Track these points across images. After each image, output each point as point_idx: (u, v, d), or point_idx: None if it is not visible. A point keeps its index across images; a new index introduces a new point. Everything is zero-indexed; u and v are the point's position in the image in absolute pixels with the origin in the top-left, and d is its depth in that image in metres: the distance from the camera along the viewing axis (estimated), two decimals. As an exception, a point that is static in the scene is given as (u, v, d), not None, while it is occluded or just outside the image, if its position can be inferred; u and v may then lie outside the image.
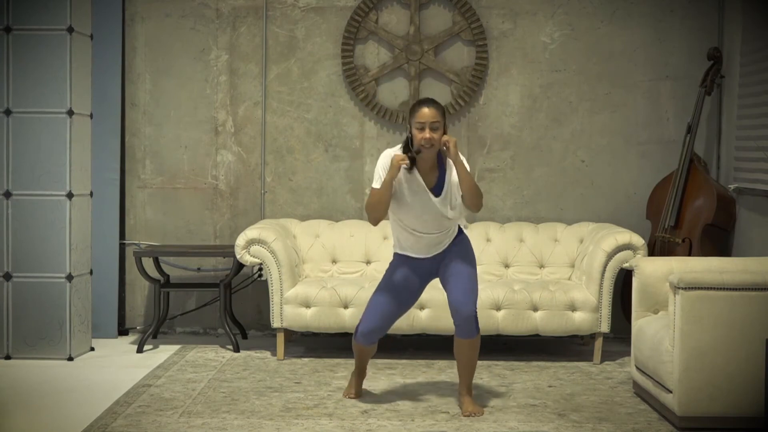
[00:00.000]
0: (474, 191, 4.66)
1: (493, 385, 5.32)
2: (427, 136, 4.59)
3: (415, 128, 4.62)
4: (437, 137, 4.61)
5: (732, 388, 4.44)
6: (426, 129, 4.60)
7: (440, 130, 4.62)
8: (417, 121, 4.61)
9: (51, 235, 5.84)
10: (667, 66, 6.63)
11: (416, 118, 4.62)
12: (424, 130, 4.60)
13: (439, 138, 4.61)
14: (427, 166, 4.69)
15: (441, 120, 4.62)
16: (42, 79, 5.83)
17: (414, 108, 4.68)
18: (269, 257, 5.91)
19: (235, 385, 5.27)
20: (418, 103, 4.68)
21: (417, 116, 4.62)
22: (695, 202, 6.16)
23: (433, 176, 4.71)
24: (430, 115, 4.60)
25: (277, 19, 6.69)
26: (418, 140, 4.61)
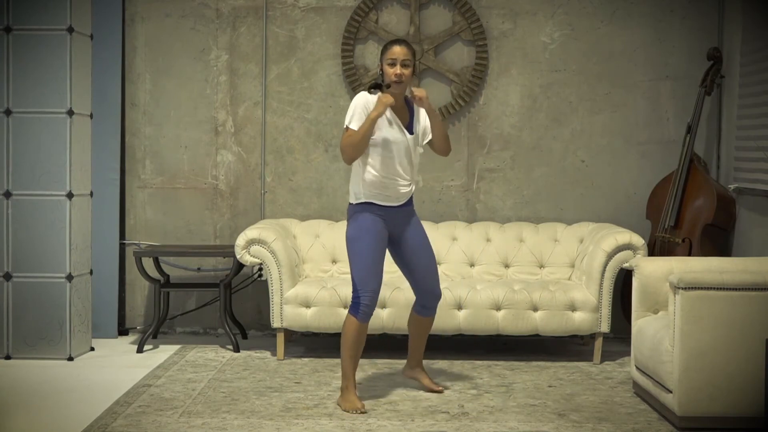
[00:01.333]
0: (446, 136, 4.93)
1: (493, 385, 5.32)
2: (398, 72, 4.77)
3: (387, 64, 4.80)
4: (407, 74, 4.79)
5: (732, 388, 4.44)
6: (397, 65, 4.78)
7: (410, 69, 4.80)
8: (389, 57, 4.80)
9: (51, 235, 5.84)
10: (667, 66, 6.63)
11: (388, 55, 4.81)
12: (395, 66, 4.78)
13: (408, 75, 4.80)
14: (398, 105, 4.85)
15: (411, 59, 4.82)
16: (42, 79, 5.83)
17: (386, 46, 4.86)
18: (269, 257, 5.91)
19: (235, 385, 5.27)
20: (390, 42, 4.88)
21: (389, 53, 4.81)
22: (695, 202, 6.16)
23: (404, 116, 4.88)
24: (402, 53, 4.80)
25: (277, 19, 6.69)
26: (389, 75, 4.79)
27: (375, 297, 4.78)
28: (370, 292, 4.76)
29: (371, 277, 4.77)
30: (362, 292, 4.76)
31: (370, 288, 4.76)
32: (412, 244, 4.94)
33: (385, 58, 4.81)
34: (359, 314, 4.77)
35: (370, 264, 4.77)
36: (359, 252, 4.78)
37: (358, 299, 4.77)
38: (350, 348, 4.80)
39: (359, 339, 4.81)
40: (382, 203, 4.82)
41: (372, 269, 4.77)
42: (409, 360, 5.23)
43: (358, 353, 4.84)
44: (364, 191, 4.83)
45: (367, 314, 4.78)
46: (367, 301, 4.76)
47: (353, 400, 4.78)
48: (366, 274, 4.76)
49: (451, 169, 6.67)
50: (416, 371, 5.20)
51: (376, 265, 4.79)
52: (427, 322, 5.11)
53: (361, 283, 4.77)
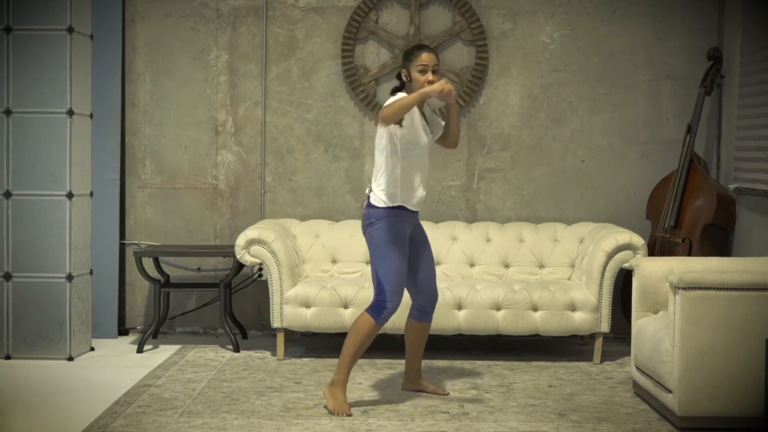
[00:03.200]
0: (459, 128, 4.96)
1: (493, 385, 5.32)
2: (431, 78, 4.75)
3: (417, 71, 4.77)
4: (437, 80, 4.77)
5: (732, 388, 4.44)
6: (428, 71, 4.76)
7: (438, 75, 4.81)
8: (419, 64, 4.77)
9: (51, 235, 5.85)
10: (667, 66, 6.63)
11: (417, 62, 4.78)
12: (426, 72, 4.76)
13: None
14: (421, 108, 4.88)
15: (439, 64, 4.85)
16: (42, 79, 5.83)
17: (414, 52, 4.81)
18: (269, 257, 5.91)
19: (235, 385, 5.27)
20: (418, 48, 4.84)
21: (418, 60, 4.78)
22: (695, 202, 6.16)
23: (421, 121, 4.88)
24: (432, 59, 4.80)
25: (277, 19, 6.69)
26: (421, 81, 4.74)
27: (398, 306, 4.79)
28: (397, 299, 4.76)
29: (401, 285, 4.77)
30: (390, 299, 4.74)
31: (398, 297, 4.76)
32: (417, 246, 4.93)
33: (414, 65, 4.76)
34: (380, 318, 4.74)
35: (402, 273, 4.77)
36: (394, 260, 4.74)
37: (384, 303, 4.73)
38: (358, 347, 4.77)
39: (370, 340, 4.81)
40: (412, 208, 4.81)
41: (404, 279, 4.79)
42: (408, 371, 5.16)
43: (362, 352, 4.83)
44: (401, 195, 4.76)
45: (386, 320, 4.77)
46: (392, 308, 4.74)
47: (343, 402, 4.75)
48: (398, 283, 4.75)
49: (451, 169, 6.67)
50: (418, 382, 5.14)
51: (404, 272, 4.79)
52: (425, 329, 5.07)
53: (392, 290, 4.74)
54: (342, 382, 4.79)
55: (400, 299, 4.77)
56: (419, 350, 5.13)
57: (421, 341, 5.11)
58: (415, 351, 5.12)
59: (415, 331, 5.07)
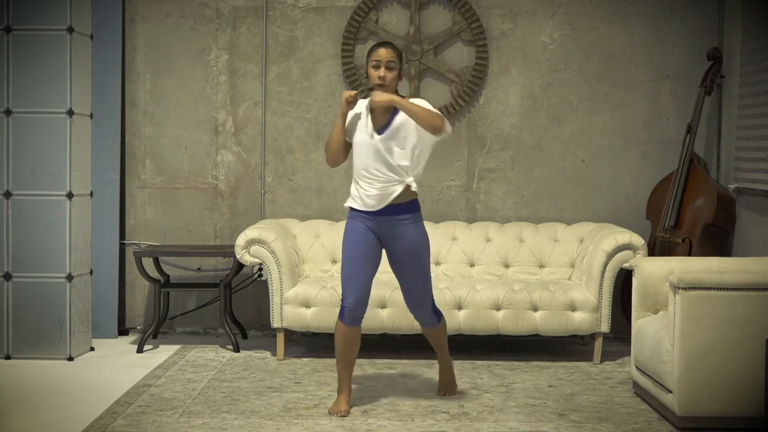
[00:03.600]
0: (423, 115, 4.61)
1: (493, 385, 5.32)
2: (381, 74, 4.68)
3: (371, 66, 4.72)
4: (391, 77, 4.70)
5: (732, 388, 4.44)
6: (381, 67, 4.70)
7: (395, 71, 4.72)
8: (373, 59, 4.71)
9: (51, 235, 5.84)
10: (667, 66, 6.63)
11: (372, 57, 4.72)
12: (379, 68, 4.70)
13: (393, 78, 4.71)
14: (381, 108, 4.73)
15: (397, 61, 4.72)
16: (42, 79, 5.83)
17: (372, 48, 4.77)
18: (269, 257, 5.91)
19: (235, 385, 5.27)
20: (375, 45, 4.79)
21: (373, 55, 4.72)
22: (695, 202, 6.16)
23: (384, 119, 4.74)
24: (386, 54, 4.70)
25: (277, 19, 6.69)
26: (373, 78, 4.70)
27: (358, 301, 4.69)
28: (353, 297, 4.68)
29: (354, 281, 4.69)
30: (345, 295, 4.71)
31: (353, 293, 4.68)
32: (402, 256, 4.81)
33: (369, 60, 4.73)
34: (344, 318, 4.70)
35: (352, 268, 4.71)
36: (344, 257, 4.75)
37: (342, 303, 4.72)
38: (340, 352, 4.75)
39: (347, 343, 4.73)
40: (359, 208, 4.76)
41: (354, 273, 4.70)
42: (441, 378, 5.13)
43: (349, 358, 4.76)
44: (352, 196, 4.82)
45: (352, 318, 4.69)
46: (349, 305, 4.68)
47: (339, 402, 4.74)
48: (348, 278, 4.71)
49: (451, 169, 6.67)
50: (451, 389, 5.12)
51: (359, 268, 4.70)
52: (434, 333, 5.01)
53: (345, 287, 4.72)
54: (340, 389, 4.78)
55: (357, 295, 4.68)
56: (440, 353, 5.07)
57: (438, 342, 5.05)
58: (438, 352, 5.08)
59: (428, 336, 5.06)
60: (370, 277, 4.75)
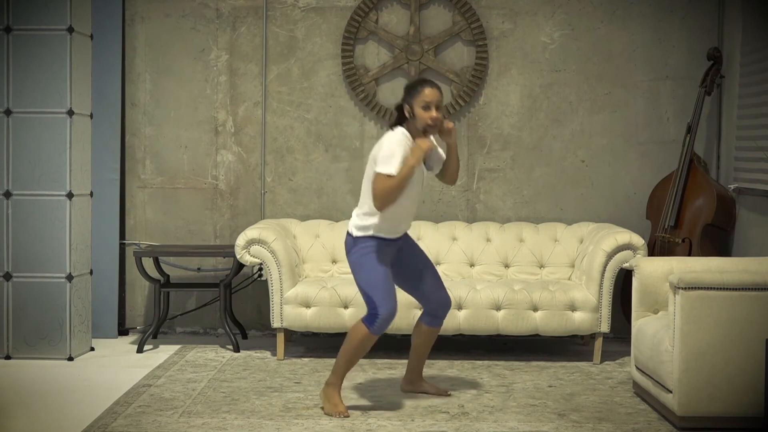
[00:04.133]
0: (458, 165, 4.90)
1: (493, 385, 5.32)
2: (434, 115, 4.65)
3: (420, 107, 4.65)
4: (440, 117, 4.69)
5: (732, 388, 4.44)
6: (432, 108, 4.65)
7: (441, 111, 4.71)
8: (422, 100, 4.65)
9: (51, 235, 5.84)
10: (667, 66, 6.63)
11: (421, 98, 4.65)
12: (430, 109, 4.65)
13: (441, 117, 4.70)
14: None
15: (442, 100, 4.74)
16: (42, 79, 5.83)
17: (417, 87, 4.69)
18: (269, 257, 5.91)
19: (235, 385, 5.27)
20: (421, 83, 4.72)
21: (422, 96, 4.65)
22: (695, 202, 6.16)
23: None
24: (436, 96, 4.67)
25: (277, 19, 6.69)
26: (425, 119, 4.64)
27: (393, 313, 4.67)
28: (389, 308, 4.65)
29: (388, 292, 4.66)
30: (382, 307, 4.64)
31: (390, 303, 4.66)
32: (414, 261, 4.88)
33: (417, 100, 4.64)
34: (374, 326, 4.65)
35: (385, 280, 4.67)
36: (373, 272, 4.66)
37: (376, 310, 4.64)
38: (352, 354, 4.73)
39: (364, 348, 4.73)
40: (387, 236, 4.73)
41: (387, 284, 4.67)
42: (409, 373, 5.13)
43: (357, 360, 4.79)
44: (374, 226, 4.68)
45: (381, 328, 4.66)
46: (385, 315, 4.64)
47: (338, 403, 4.73)
48: (385, 290, 4.65)
49: (451, 169, 6.66)
50: (418, 384, 5.11)
51: (389, 281, 4.70)
52: (433, 333, 5.04)
53: (382, 299, 4.64)
54: (336, 385, 4.77)
55: (393, 303, 4.66)
56: (424, 353, 5.10)
57: (428, 345, 5.08)
58: (419, 354, 5.09)
59: (423, 335, 5.03)
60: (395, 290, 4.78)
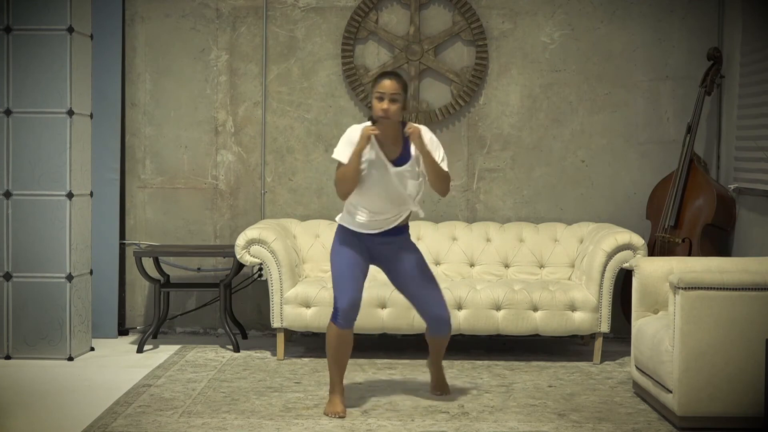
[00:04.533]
0: (439, 174, 4.69)
1: (493, 385, 5.32)
2: (384, 107, 4.64)
3: (375, 98, 4.68)
4: (394, 109, 4.65)
5: (732, 388, 4.44)
6: (385, 100, 4.65)
7: (399, 103, 4.67)
8: (377, 91, 4.67)
9: (51, 235, 5.84)
10: (667, 66, 6.63)
11: (377, 88, 4.68)
12: (383, 101, 4.65)
13: (396, 111, 4.66)
14: (389, 139, 4.72)
15: (401, 93, 4.67)
16: (42, 79, 5.83)
17: (376, 79, 4.73)
18: (269, 257, 5.91)
19: (235, 385, 5.27)
20: (381, 75, 4.74)
21: (378, 86, 4.67)
22: (695, 202, 6.16)
23: (396, 149, 4.73)
24: (391, 87, 4.65)
25: (277, 19, 6.69)
26: (376, 110, 4.66)
27: (352, 303, 4.70)
28: (345, 297, 4.69)
29: (345, 284, 4.71)
30: (338, 298, 4.72)
31: (345, 294, 4.70)
32: (404, 275, 4.85)
33: (374, 90, 4.69)
34: (337, 320, 4.71)
35: (343, 271, 4.73)
36: (335, 263, 4.77)
37: (336, 306, 4.73)
38: (332, 354, 4.77)
39: (340, 345, 4.74)
40: (357, 230, 4.77)
41: (345, 276, 4.72)
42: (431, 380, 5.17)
43: (341, 359, 4.78)
44: (344, 215, 4.82)
45: (345, 320, 4.70)
46: (343, 306, 4.69)
47: (335, 403, 4.73)
48: (340, 282, 4.73)
49: (451, 169, 6.65)
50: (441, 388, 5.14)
51: (350, 272, 4.72)
52: (438, 342, 5.03)
53: (337, 290, 4.73)
54: (332, 391, 4.79)
55: (350, 297, 4.69)
56: (435, 360, 5.10)
57: (437, 352, 5.07)
58: (432, 359, 5.12)
59: (430, 342, 5.07)
60: (362, 283, 4.78)
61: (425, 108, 6.62)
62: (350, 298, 4.70)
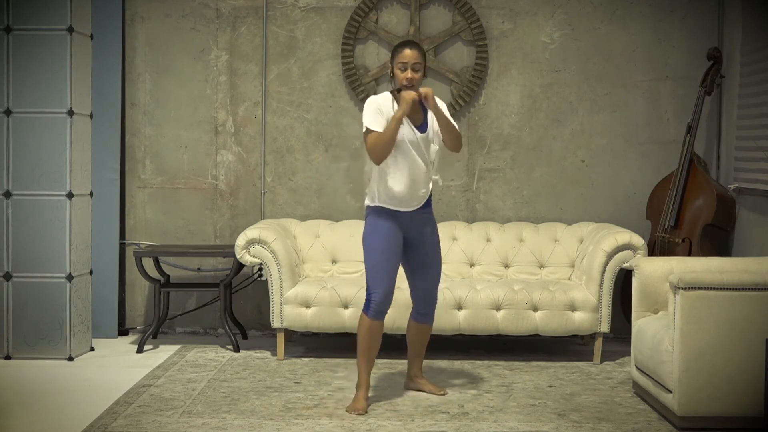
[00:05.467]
0: (453, 131, 4.82)
1: (493, 385, 5.32)
2: (409, 76, 4.75)
3: (398, 68, 4.78)
4: (418, 77, 4.77)
5: (732, 388, 4.44)
6: (408, 69, 4.75)
7: (421, 72, 4.78)
8: (399, 61, 4.77)
9: (51, 235, 5.85)
10: (667, 66, 6.63)
11: (399, 59, 4.78)
12: (407, 71, 4.75)
13: (419, 78, 4.78)
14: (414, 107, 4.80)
15: (422, 61, 4.79)
16: (42, 79, 5.83)
17: (396, 49, 4.81)
18: (269, 257, 5.91)
19: (235, 385, 5.27)
20: (401, 45, 4.83)
21: (399, 57, 4.78)
22: (695, 202, 6.16)
23: (419, 116, 4.84)
24: (412, 56, 4.76)
25: (277, 19, 6.69)
26: (400, 80, 4.76)
27: (386, 295, 4.76)
28: (380, 290, 4.75)
29: (382, 275, 4.76)
30: (372, 289, 4.77)
31: (380, 285, 4.75)
32: (423, 251, 4.91)
33: (395, 61, 4.78)
34: (369, 310, 4.77)
35: (380, 262, 4.77)
36: (371, 251, 4.79)
37: (369, 296, 4.78)
38: (363, 346, 4.81)
39: (371, 337, 4.81)
40: (395, 208, 4.80)
41: (382, 267, 4.76)
42: (409, 370, 5.21)
43: (372, 352, 4.84)
44: (379, 195, 4.82)
45: (377, 311, 4.76)
46: (377, 298, 4.75)
47: (358, 399, 4.79)
48: (376, 272, 4.77)
49: (451, 169, 6.67)
50: (417, 381, 5.17)
51: (387, 264, 4.77)
52: (425, 329, 5.09)
53: (371, 280, 4.78)
54: (359, 385, 4.84)
55: (384, 289, 4.74)
56: (419, 350, 5.15)
57: (421, 342, 5.13)
58: (415, 351, 5.15)
59: (413, 330, 5.11)
60: (396, 272, 4.83)
61: (425, 108, 6.61)
62: (385, 290, 4.76)
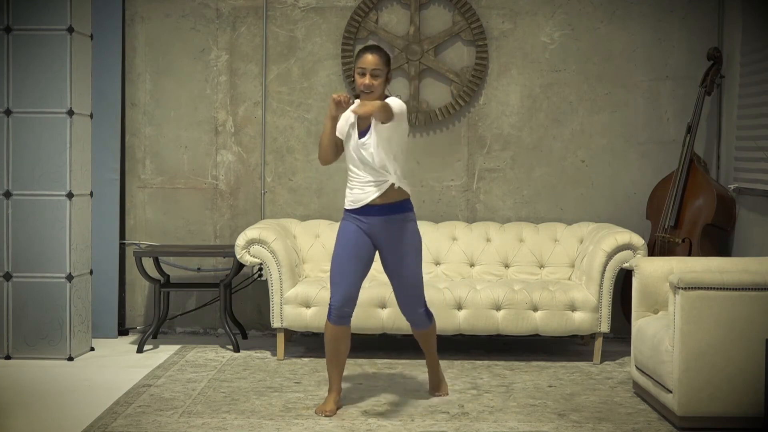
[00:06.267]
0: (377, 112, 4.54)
1: (493, 385, 5.32)
2: (366, 82, 4.67)
3: (357, 73, 4.71)
4: (377, 84, 4.68)
5: (732, 388, 4.44)
6: (367, 75, 4.68)
7: (381, 78, 4.69)
8: (359, 66, 4.70)
9: (51, 235, 5.84)
10: (667, 66, 6.63)
11: (358, 64, 4.70)
12: (365, 76, 4.68)
13: (379, 85, 4.68)
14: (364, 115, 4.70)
15: (383, 67, 4.70)
16: (42, 79, 5.83)
17: (358, 54, 4.74)
18: (269, 257, 5.91)
19: (235, 385, 5.27)
20: (363, 50, 4.75)
21: (359, 62, 4.70)
22: (695, 202, 6.16)
23: (364, 122, 4.74)
24: (372, 62, 4.68)
25: (277, 19, 6.69)
26: (358, 85, 4.69)
27: (345, 299, 4.69)
28: (338, 294, 4.69)
29: (339, 280, 4.70)
30: (332, 294, 4.73)
31: (338, 290, 4.69)
32: (398, 256, 4.79)
33: (356, 66, 4.70)
34: (330, 317, 4.71)
35: (341, 267, 4.72)
36: (334, 256, 4.76)
37: (329, 302, 4.73)
38: (329, 352, 4.77)
39: (336, 342, 4.73)
40: (351, 206, 4.77)
41: (343, 272, 4.70)
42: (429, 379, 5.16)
43: (339, 357, 4.76)
44: (345, 199, 4.82)
45: (338, 317, 4.69)
46: (336, 303, 4.68)
47: (327, 402, 4.75)
48: (335, 277, 4.73)
49: (451, 169, 6.67)
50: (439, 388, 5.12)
51: (346, 267, 4.70)
52: (422, 335, 5.03)
53: (331, 285, 4.75)
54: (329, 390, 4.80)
55: (342, 294, 4.67)
56: (428, 354, 5.09)
57: (426, 347, 5.07)
58: (426, 356, 5.11)
59: (415, 337, 5.09)
60: (359, 278, 4.75)
61: (425, 108, 6.62)
62: (343, 294, 4.69)
